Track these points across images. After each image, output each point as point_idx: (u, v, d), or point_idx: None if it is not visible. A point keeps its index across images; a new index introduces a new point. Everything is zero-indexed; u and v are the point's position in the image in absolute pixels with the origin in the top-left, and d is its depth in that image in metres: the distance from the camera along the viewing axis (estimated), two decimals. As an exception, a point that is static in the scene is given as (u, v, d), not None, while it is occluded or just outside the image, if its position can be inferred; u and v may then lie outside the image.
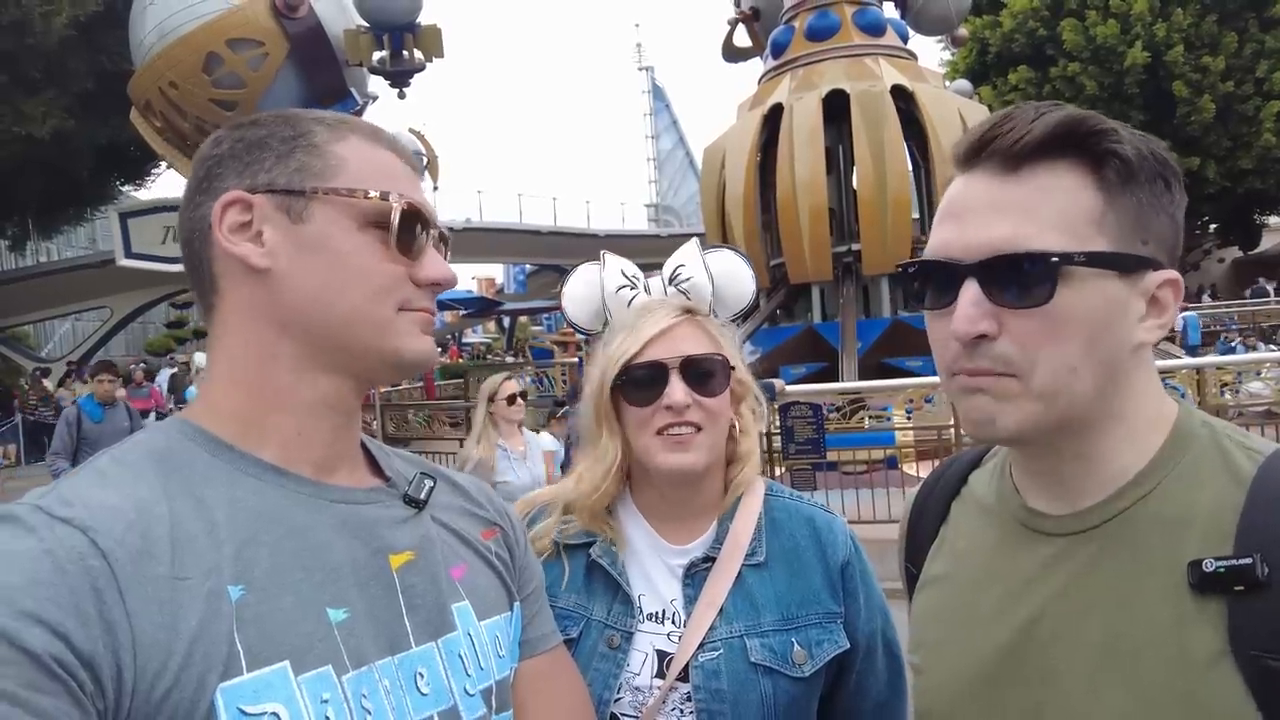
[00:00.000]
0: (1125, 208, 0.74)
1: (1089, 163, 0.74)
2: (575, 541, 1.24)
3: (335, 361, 0.79)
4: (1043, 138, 0.74)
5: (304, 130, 0.79)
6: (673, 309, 1.24)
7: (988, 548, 0.87)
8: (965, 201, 0.78)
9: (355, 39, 11.59)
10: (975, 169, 0.78)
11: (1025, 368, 0.74)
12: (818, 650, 1.18)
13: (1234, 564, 0.68)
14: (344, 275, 0.77)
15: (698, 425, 1.19)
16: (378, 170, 0.80)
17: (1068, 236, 0.73)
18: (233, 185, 0.77)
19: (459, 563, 0.86)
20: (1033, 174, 0.75)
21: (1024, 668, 0.79)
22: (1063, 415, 0.75)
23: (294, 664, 0.68)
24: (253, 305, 0.77)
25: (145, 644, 0.63)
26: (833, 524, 1.28)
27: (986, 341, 0.74)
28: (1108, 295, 0.73)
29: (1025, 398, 0.74)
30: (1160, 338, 0.77)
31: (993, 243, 0.74)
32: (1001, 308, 0.74)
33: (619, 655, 1.18)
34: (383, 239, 0.78)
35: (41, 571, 0.61)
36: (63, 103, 17.07)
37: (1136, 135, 0.76)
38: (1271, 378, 7.98)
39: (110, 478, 0.70)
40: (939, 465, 1.04)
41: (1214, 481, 0.74)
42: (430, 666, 0.78)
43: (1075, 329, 0.73)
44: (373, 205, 0.78)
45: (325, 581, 0.73)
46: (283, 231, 0.76)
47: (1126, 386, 0.77)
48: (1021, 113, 0.76)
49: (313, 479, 0.78)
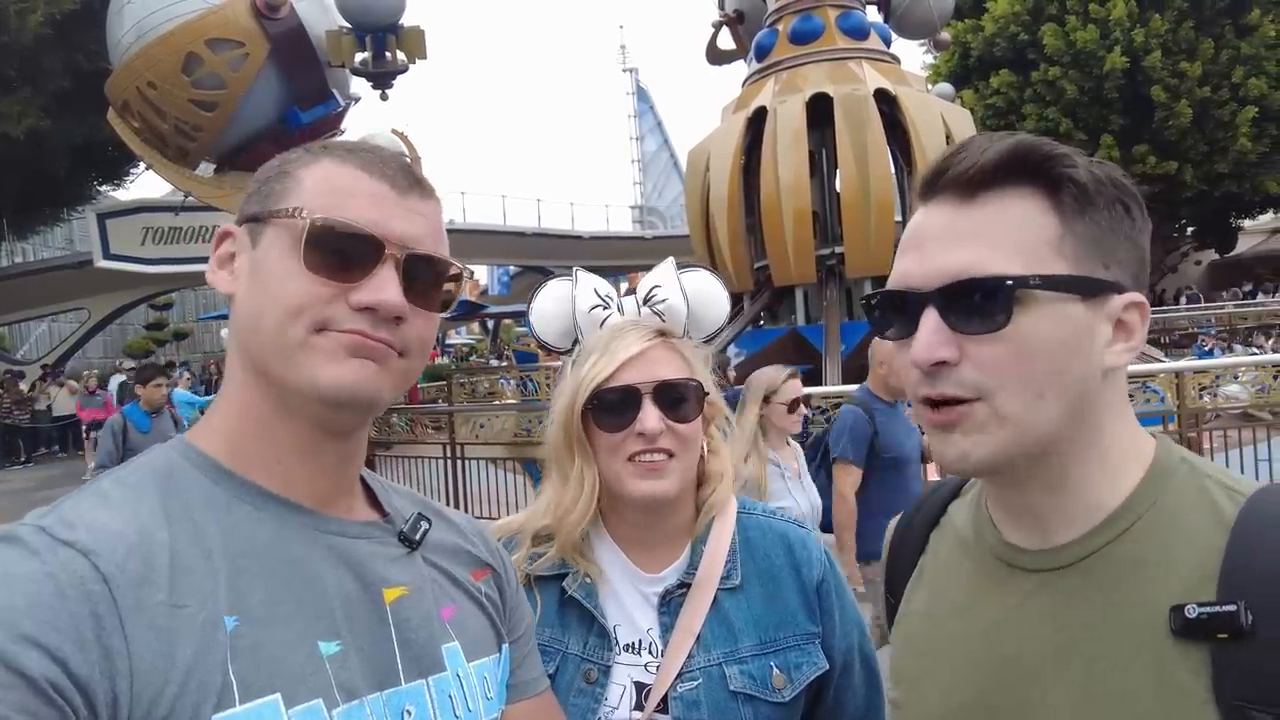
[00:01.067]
0: (1083, 232, 0.74)
1: (1045, 188, 0.74)
2: (547, 573, 1.21)
3: (268, 389, 0.75)
4: (996, 163, 0.74)
5: (290, 158, 0.80)
6: (647, 331, 1.22)
7: (965, 581, 0.86)
8: (924, 231, 0.78)
9: (337, 40, 11.49)
10: (933, 199, 0.78)
11: (989, 391, 0.73)
12: (797, 673, 1.17)
13: (1217, 610, 0.66)
14: (263, 296, 0.74)
15: (670, 452, 1.16)
16: (330, 189, 0.75)
17: (1025, 260, 0.72)
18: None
19: (449, 603, 0.85)
20: (988, 201, 0.75)
21: (1002, 705, 0.77)
22: (1034, 443, 0.74)
23: (285, 697, 0.67)
24: (236, 331, 0.79)
25: (142, 671, 0.62)
26: (806, 540, 1.26)
27: (948, 368, 0.74)
28: (1069, 318, 0.73)
29: (994, 424, 0.73)
30: (1129, 361, 0.76)
31: (950, 269, 0.74)
32: (961, 335, 0.73)
33: (596, 690, 1.15)
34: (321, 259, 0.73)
35: (43, 595, 0.60)
36: (38, 102, 16.84)
37: (1093, 162, 0.76)
38: (1249, 381, 8.08)
39: (113, 500, 0.69)
40: (920, 494, 1.02)
41: (1194, 522, 0.72)
42: (419, 704, 0.77)
43: (1038, 353, 0.72)
44: (297, 223, 0.74)
45: (318, 614, 0.72)
46: (246, 257, 0.78)
47: (1100, 413, 0.76)
48: (976, 142, 0.76)
49: (310, 509, 0.77)
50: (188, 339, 34.21)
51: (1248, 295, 26.48)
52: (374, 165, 0.77)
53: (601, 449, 1.19)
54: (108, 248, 21.46)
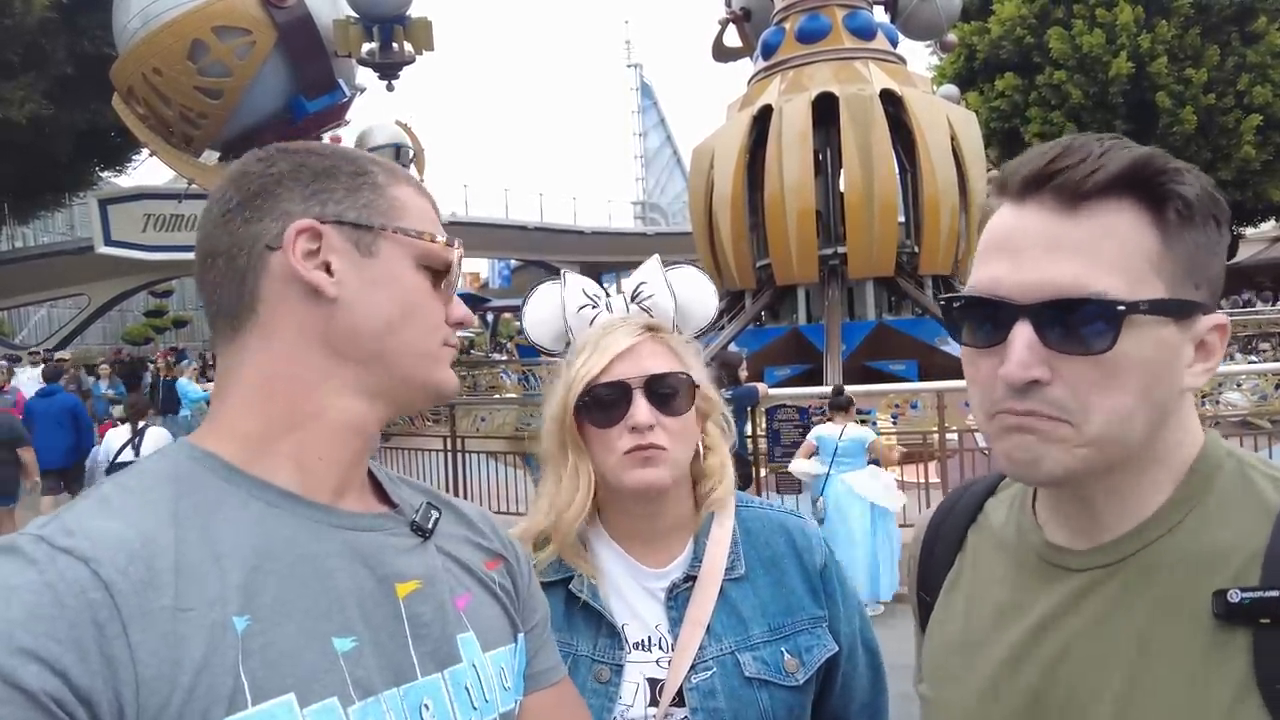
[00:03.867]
0: (1181, 251, 0.72)
1: (1150, 203, 0.71)
2: (551, 578, 1.20)
3: (380, 388, 0.81)
4: (1114, 176, 0.70)
5: (365, 169, 0.82)
6: (636, 327, 1.22)
7: (1007, 582, 0.86)
8: (1019, 237, 0.74)
9: (344, 30, 11.46)
10: (1029, 201, 0.74)
11: (1079, 415, 0.71)
12: (808, 656, 1.18)
13: (1261, 596, 0.67)
14: (407, 310, 0.81)
15: (663, 444, 1.17)
16: (427, 216, 0.85)
17: (1128, 280, 0.70)
18: (298, 210, 0.78)
19: (463, 593, 0.85)
20: (1093, 213, 0.71)
21: (1047, 706, 0.78)
22: (1111, 460, 0.73)
23: (299, 696, 0.67)
24: (302, 329, 0.77)
25: (148, 678, 0.61)
26: (805, 528, 1.28)
27: (1038, 386, 0.71)
28: (1163, 341, 0.72)
29: (1076, 443, 0.72)
30: (1205, 382, 0.76)
31: (1053, 284, 0.70)
32: (1056, 352, 0.71)
33: (610, 689, 1.16)
34: (433, 280, 0.84)
35: (41, 606, 0.59)
36: (42, 87, 16.78)
37: (1199, 175, 0.74)
38: (1249, 389, 8.09)
39: (114, 505, 0.68)
40: (952, 492, 1.02)
41: (1241, 514, 0.73)
42: (436, 698, 0.77)
43: (1132, 377, 0.71)
44: (435, 249, 0.83)
45: (331, 610, 0.72)
46: (351, 263, 0.78)
47: (1171, 430, 0.76)
48: (1084, 146, 0.73)
49: (324, 504, 0.77)
50: (187, 326, 34.18)
51: (1247, 304, 26.51)
52: (430, 197, 0.88)
53: (595, 445, 1.19)
54: (109, 234, 21.41)
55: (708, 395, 1.25)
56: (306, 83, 11.76)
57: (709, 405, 1.26)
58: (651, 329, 1.23)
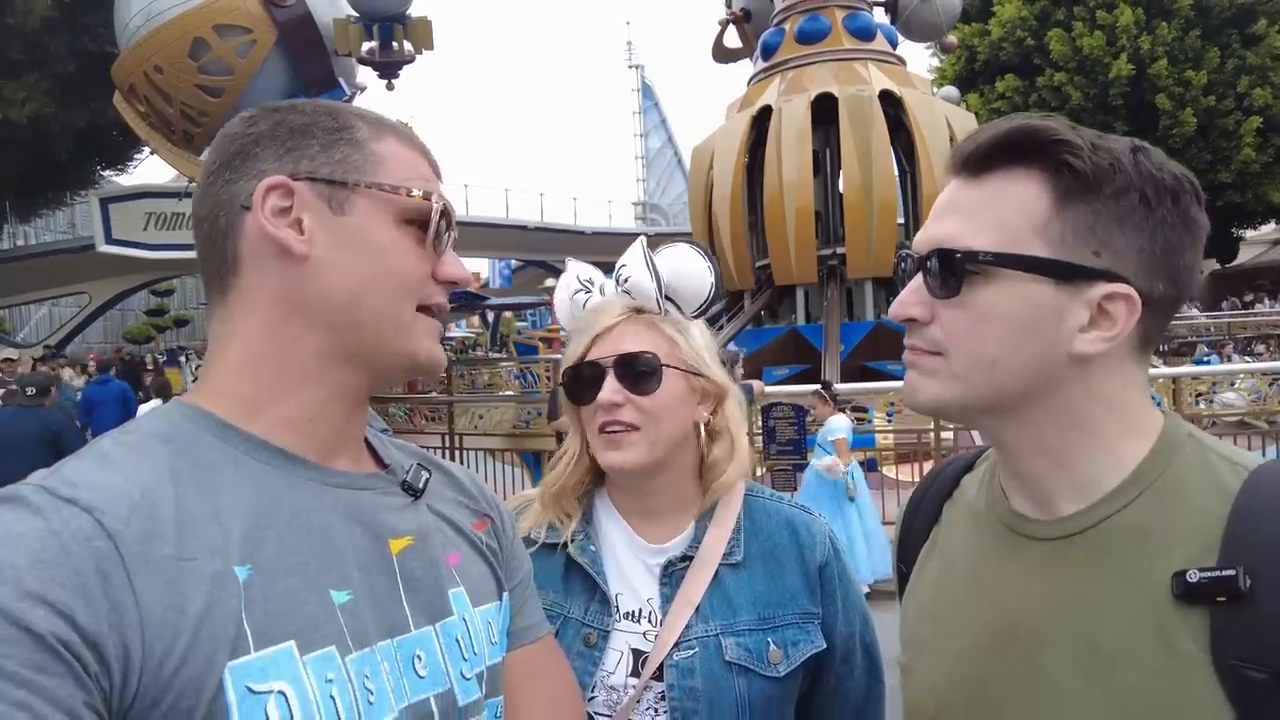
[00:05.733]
0: (1076, 218, 0.75)
1: (1046, 170, 0.76)
2: (554, 540, 1.25)
3: (353, 353, 0.79)
4: (995, 142, 0.78)
5: (347, 124, 0.80)
6: (620, 309, 1.25)
7: (977, 550, 0.88)
8: (937, 205, 0.85)
9: (345, 29, 11.48)
10: (952, 177, 0.84)
11: (945, 349, 0.80)
12: (793, 650, 1.19)
13: (1217, 575, 0.69)
14: (375, 269, 0.78)
15: (634, 424, 1.19)
16: (413, 170, 0.82)
17: (999, 238, 0.77)
18: (271, 168, 0.77)
19: (453, 550, 0.87)
20: (992, 180, 0.79)
21: (1011, 671, 0.80)
22: (983, 401, 0.80)
23: (299, 644, 0.69)
24: (279, 290, 0.77)
25: (153, 624, 0.63)
26: (812, 525, 1.28)
27: (921, 325, 0.82)
28: (1031, 298, 0.76)
29: (946, 376, 0.81)
30: (1102, 350, 0.76)
31: (935, 239, 0.81)
32: (935, 299, 0.80)
33: (595, 654, 1.18)
34: (417, 236, 0.80)
35: (47, 552, 0.61)
36: (44, 85, 16.82)
37: (1115, 148, 0.76)
38: (1245, 388, 8.11)
39: (113, 460, 0.70)
40: (933, 469, 1.05)
41: (1198, 494, 0.75)
42: (428, 650, 0.79)
43: (992, 325, 0.77)
44: (413, 203, 0.80)
45: (329, 564, 0.74)
46: (323, 221, 0.77)
47: (1082, 396, 0.78)
48: (995, 122, 0.80)
49: (316, 463, 0.79)
50: (188, 325, 34.21)
51: (1247, 305, 26.50)
52: (424, 149, 0.85)
53: (582, 421, 1.25)
54: (110, 232, 21.42)
55: (714, 378, 1.24)
56: (307, 81, 11.77)
57: (715, 387, 1.25)
58: (638, 310, 1.25)
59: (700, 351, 1.25)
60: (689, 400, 1.23)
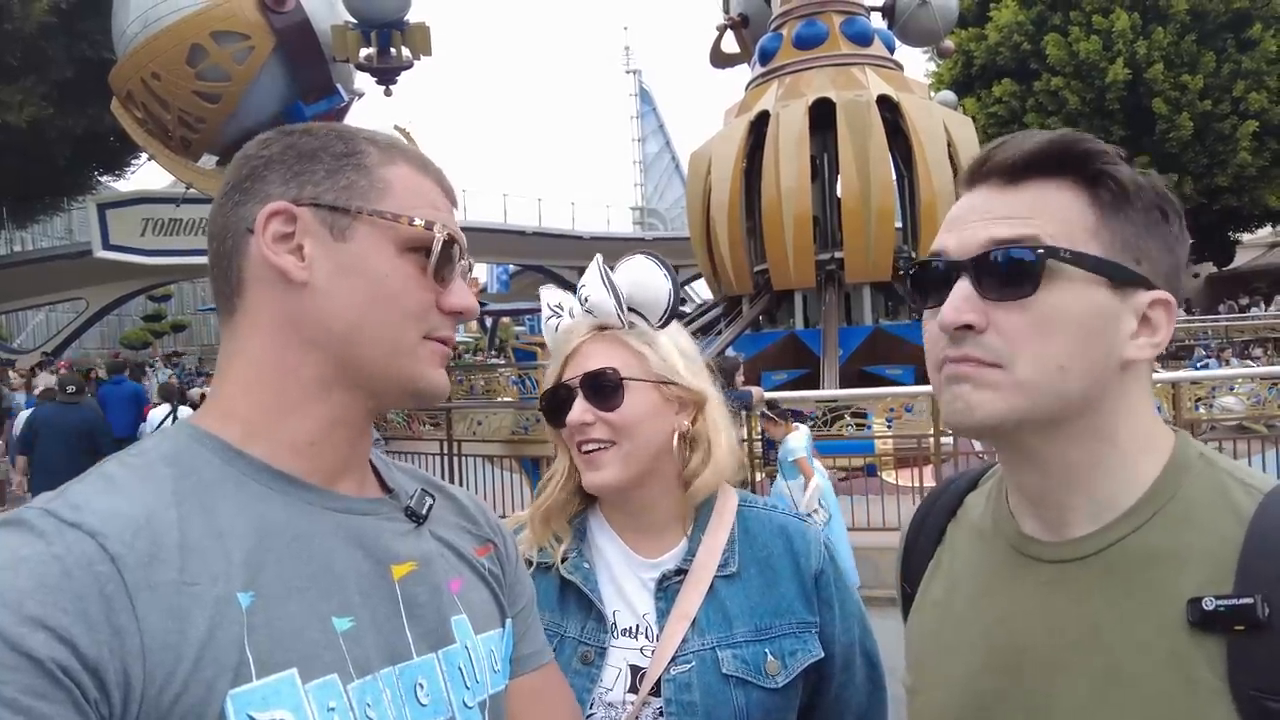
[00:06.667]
0: (1118, 228, 0.76)
1: (1084, 183, 0.76)
2: (546, 560, 1.25)
3: (355, 380, 0.79)
4: (1037, 152, 0.77)
5: (357, 149, 0.79)
6: (585, 329, 1.25)
7: (984, 572, 0.87)
8: (964, 213, 0.80)
9: (343, 35, 11.47)
10: (975, 187, 0.81)
11: (1009, 359, 0.74)
12: (791, 660, 1.18)
13: (1235, 603, 0.68)
14: (376, 298, 0.77)
15: (607, 440, 1.19)
16: (421, 198, 0.81)
17: (1062, 236, 0.74)
18: (277, 192, 0.77)
19: (456, 576, 0.86)
20: (1029, 188, 0.77)
21: (1020, 695, 0.79)
22: (1044, 412, 0.75)
23: (301, 672, 0.68)
24: (281, 314, 0.77)
25: (154, 649, 0.62)
26: (806, 533, 1.27)
27: (974, 333, 0.75)
28: (1095, 301, 0.74)
29: (1007, 388, 0.74)
30: (1151, 356, 0.77)
31: (990, 238, 0.76)
32: (990, 303, 0.75)
33: (592, 671, 1.18)
34: (420, 265, 0.79)
35: (49, 576, 0.60)
36: (40, 90, 16.82)
37: (1136, 169, 0.78)
38: (1244, 393, 8.11)
39: (118, 483, 0.69)
40: (936, 486, 1.03)
41: (1212, 518, 0.74)
42: (430, 677, 0.78)
43: (1061, 327, 0.74)
44: (414, 232, 0.78)
45: (330, 590, 0.73)
46: (324, 247, 0.76)
47: (1117, 406, 0.77)
48: (1021, 134, 0.79)
49: (318, 487, 0.78)
50: (185, 331, 34.17)
51: (1243, 309, 26.56)
52: (439, 175, 0.84)
53: (566, 442, 1.25)
54: (107, 238, 21.42)
55: (682, 385, 1.22)
56: (304, 87, 11.77)
57: (691, 395, 1.24)
58: (602, 328, 1.25)
59: (671, 360, 1.23)
60: (664, 410, 1.22)
